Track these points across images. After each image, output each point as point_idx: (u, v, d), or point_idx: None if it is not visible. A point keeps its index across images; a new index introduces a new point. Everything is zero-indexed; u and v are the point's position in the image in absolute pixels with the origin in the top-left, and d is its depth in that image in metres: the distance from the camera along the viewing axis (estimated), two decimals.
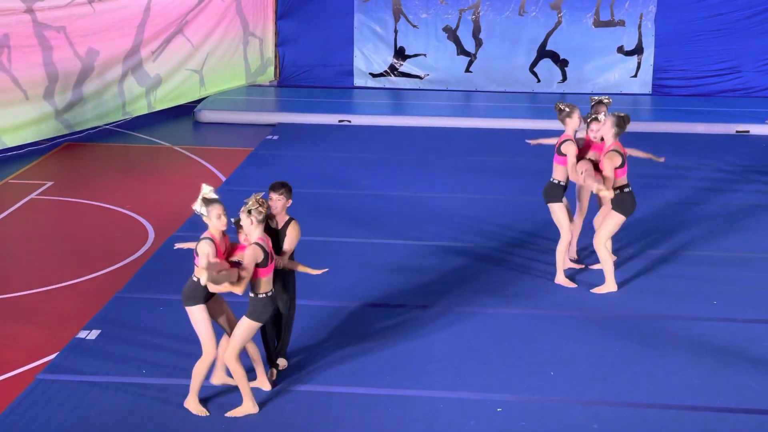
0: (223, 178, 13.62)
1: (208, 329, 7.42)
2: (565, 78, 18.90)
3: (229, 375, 7.87)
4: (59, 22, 15.23)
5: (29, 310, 9.52)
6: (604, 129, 9.53)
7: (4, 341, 8.84)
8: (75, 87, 15.71)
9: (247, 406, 7.51)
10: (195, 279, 7.32)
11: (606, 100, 9.90)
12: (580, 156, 9.68)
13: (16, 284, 10.10)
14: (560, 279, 9.97)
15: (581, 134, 9.97)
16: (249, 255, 7.26)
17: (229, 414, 7.50)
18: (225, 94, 18.38)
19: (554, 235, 10.24)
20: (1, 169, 14.15)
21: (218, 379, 7.90)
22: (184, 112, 17.51)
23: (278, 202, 7.87)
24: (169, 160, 14.86)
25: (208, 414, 7.51)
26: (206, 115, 17.11)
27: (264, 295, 7.40)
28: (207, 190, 7.37)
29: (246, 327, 7.42)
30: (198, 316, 7.42)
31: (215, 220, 7.32)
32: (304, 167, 14.16)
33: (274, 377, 8.00)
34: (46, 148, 15.32)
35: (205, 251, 7.21)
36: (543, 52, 18.88)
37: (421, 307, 9.42)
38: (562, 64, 18.83)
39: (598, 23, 18.67)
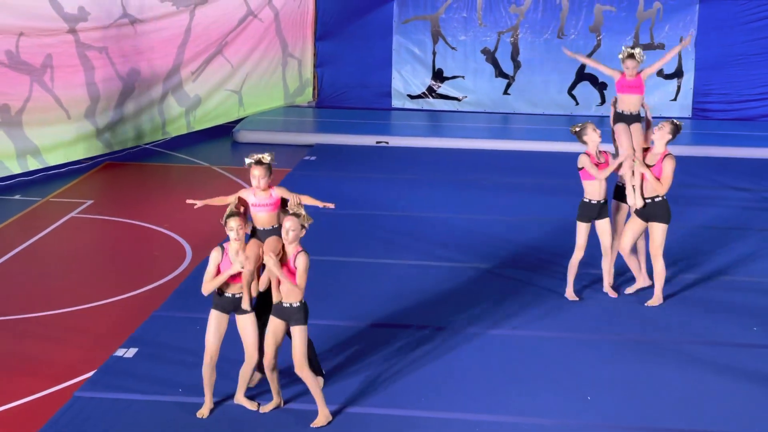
0: None
1: (211, 334, 7.69)
2: (603, 101, 18.81)
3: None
4: (101, 43, 15.41)
5: (67, 327, 9.59)
6: (659, 134, 9.69)
7: (42, 358, 8.91)
8: (116, 107, 15.88)
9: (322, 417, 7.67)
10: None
11: (638, 53, 10.03)
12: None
13: (54, 302, 10.19)
14: (569, 293, 10.11)
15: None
16: (305, 263, 7.44)
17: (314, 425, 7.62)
18: (263, 114, 18.49)
19: (590, 258, 10.20)
20: (42, 188, 14.31)
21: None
22: (223, 132, 17.62)
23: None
24: (208, 180, 14.94)
25: (258, 406, 7.75)
26: (245, 136, 17.21)
27: (305, 300, 7.56)
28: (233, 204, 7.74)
29: (302, 334, 7.54)
30: (242, 323, 7.67)
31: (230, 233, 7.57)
32: (342, 188, 14.18)
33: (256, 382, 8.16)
34: (87, 167, 15.47)
35: (211, 257, 7.61)
36: (581, 75, 18.82)
37: (456, 329, 9.39)
38: (600, 87, 18.77)
39: (638, 46, 18.56)
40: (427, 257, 11.37)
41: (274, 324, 7.60)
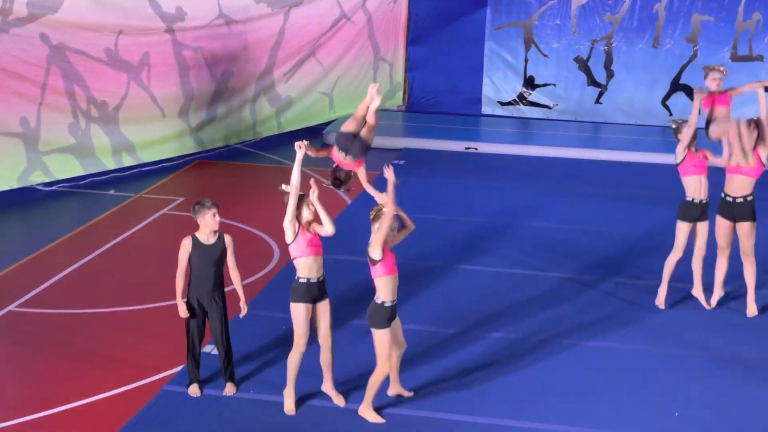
0: (348, 201, 13.73)
1: (301, 327, 7.81)
2: (698, 112, 18.46)
3: (404, 387, 8.14)
4: (197, 43, 15.64)
5: (157, 322, 9.75)
6: None
7: (132, 352, 9.06)
8: (209, 106, 16.11)
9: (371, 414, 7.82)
10: (296, 278, 7.83)
11: (722, 68, 10.14)
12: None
13: (144, 296, 10.36)
14: (660, 299, 10.04)
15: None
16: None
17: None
18: None
19: (678, 272, 10.02)
20: (135, 184, 14.58)
21: (393, 390, 8.09)
22: (313, 134, 17.73)
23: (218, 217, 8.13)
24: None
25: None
26: (335, 138, 17.26)
27: (381, 303, 7.58)
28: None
29: (375, 336, 7.60)
30: (294, 312, 7.84)
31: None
32: (429, 193, 14.18)
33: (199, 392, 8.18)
34: (179, 165, 15.72)
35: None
36: (676, 86, 18.53)
37: (541, 338, 9.31)
38: None
39: (736, 57, 18.22)
40: (514, 264, 11.30)
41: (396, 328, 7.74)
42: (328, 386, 8.05)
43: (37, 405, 8.01)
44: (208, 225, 8.09)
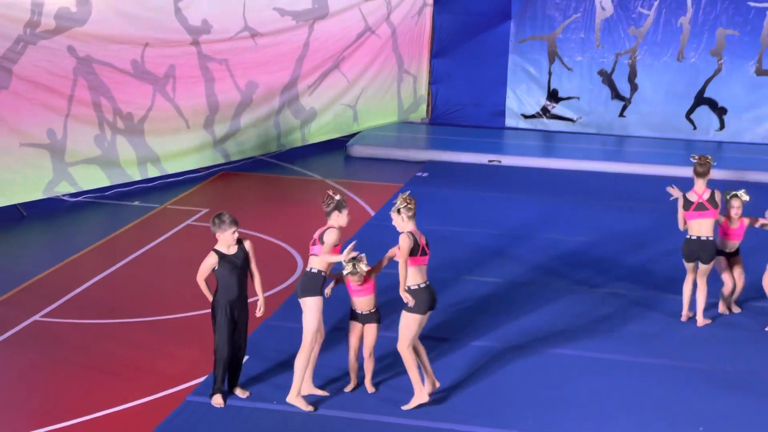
0: (372, 213, 13.77)
1: (316, 322, 8.06)
2: (722, 126, 18.43)
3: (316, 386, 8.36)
4: (222, 55, 15.73)
5: (180, 332, 9.80)
6: None
7: (157, 362, 9.12)
8: (234, 118, 16.19)
9: (419, 397, 8.02)
10: (315, 271, 8.07)
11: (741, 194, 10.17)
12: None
13: (168, 307, 10.42)
14: (700, 320, 10.03)
15: None
16: (402, 240, 7.86)
17: (405, 407, 8.02)
18: (377, 129, 18.60)
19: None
20: (160, 195, 14.66)
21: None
22: (337, 146, 17.80)
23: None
24: (321, 193, 15.01)
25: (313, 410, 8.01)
26: (358, 150, 17.35)
27: (416, 286, 7.82)
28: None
29: (404, 320, 7.89)
30: (312, 306, 8.06)
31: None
32: (453, 205, 14.19)
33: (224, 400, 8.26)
34: (203, 176, 15.79)
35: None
36: (701, 99, 18.46)
37: (564, 352, 9.29)
38: (720, 112, 18.37)
39: (761, 72, 18.13)
40: (538, 277, 11.29)
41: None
42: (310, 385, 8.31)
43: (61, 415, 8.07)
44: (226, 241, 8.23)
